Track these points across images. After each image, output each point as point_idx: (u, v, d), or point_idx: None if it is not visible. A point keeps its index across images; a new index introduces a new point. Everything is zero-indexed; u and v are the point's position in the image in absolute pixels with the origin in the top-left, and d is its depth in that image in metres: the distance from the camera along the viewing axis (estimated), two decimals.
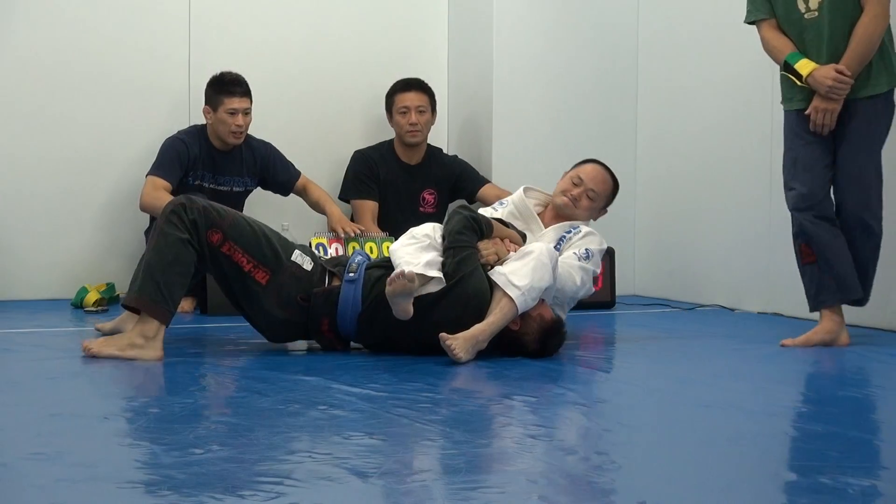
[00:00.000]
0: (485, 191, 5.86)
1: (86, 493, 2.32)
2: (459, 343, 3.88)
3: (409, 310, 3.92)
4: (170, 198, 4.76)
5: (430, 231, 4.16)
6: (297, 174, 5.71)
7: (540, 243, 4.17)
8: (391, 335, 4.06)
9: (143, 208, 5.33)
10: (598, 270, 4.57)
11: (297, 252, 4.07)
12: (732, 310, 5.61)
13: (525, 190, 4.69)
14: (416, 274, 3.90)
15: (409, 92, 5.87)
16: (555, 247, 4.43)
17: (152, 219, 5.45)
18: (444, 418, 3.08)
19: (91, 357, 3.83)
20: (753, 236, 5.55)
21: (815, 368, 4.01)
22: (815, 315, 4.50)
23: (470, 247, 4.08)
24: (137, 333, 3.84)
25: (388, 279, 3.90)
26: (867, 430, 3.09)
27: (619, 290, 5.92)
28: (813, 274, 4.43)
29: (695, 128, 5.96)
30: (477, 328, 3.93)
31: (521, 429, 3.02)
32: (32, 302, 5.58)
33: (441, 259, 4.06)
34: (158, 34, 5.88)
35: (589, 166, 4.66)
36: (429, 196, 5.95)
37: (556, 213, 4.61)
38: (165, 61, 5.88)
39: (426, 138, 5.94)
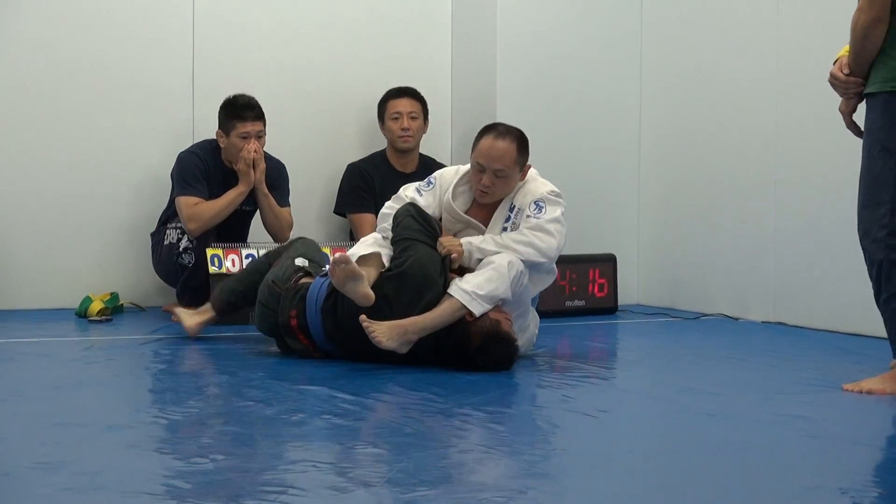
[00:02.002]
0: None
1: (90, 503, 2.32)
2: (383, 330, 3.86)
3: (369, 293, 3.89)
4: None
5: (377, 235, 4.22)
6: (287, 206, 5.55)
7: (503, 255, 4.01)
8: (351, 329, 3.94)
9: (194, 229, 5.17)
10: (561, 210, 4.17)
11: (300, 258, 4.37)
12: (736, 319, 5.60)
13: (453, 193, 4.25)
14: (351, 258, 3.91)
15: (402, 98, 5.89)
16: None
17: (159, 221, 5.44)
18: (448, 427, 3.08)
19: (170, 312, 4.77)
20: (758, 245, 5.54)
21: (819, 377, 4.00)
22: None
23: (411, 239, 4.05)
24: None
25: (328, 271, 3.94)
26: (873, 439, 3.09)
27: (622, 300, 5.91)
28: None
29: (699, 136, 5.95)
30: (409, 319, 3.90)
31: (524, 437, 3.02)
32: (36, 311, 5.57)
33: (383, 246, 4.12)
34: (162, 44, 5.87)
35: (484, 143, 4.18)
36: None
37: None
38: (169, 72, 5.87)
39: (418, 145, 5.94)
